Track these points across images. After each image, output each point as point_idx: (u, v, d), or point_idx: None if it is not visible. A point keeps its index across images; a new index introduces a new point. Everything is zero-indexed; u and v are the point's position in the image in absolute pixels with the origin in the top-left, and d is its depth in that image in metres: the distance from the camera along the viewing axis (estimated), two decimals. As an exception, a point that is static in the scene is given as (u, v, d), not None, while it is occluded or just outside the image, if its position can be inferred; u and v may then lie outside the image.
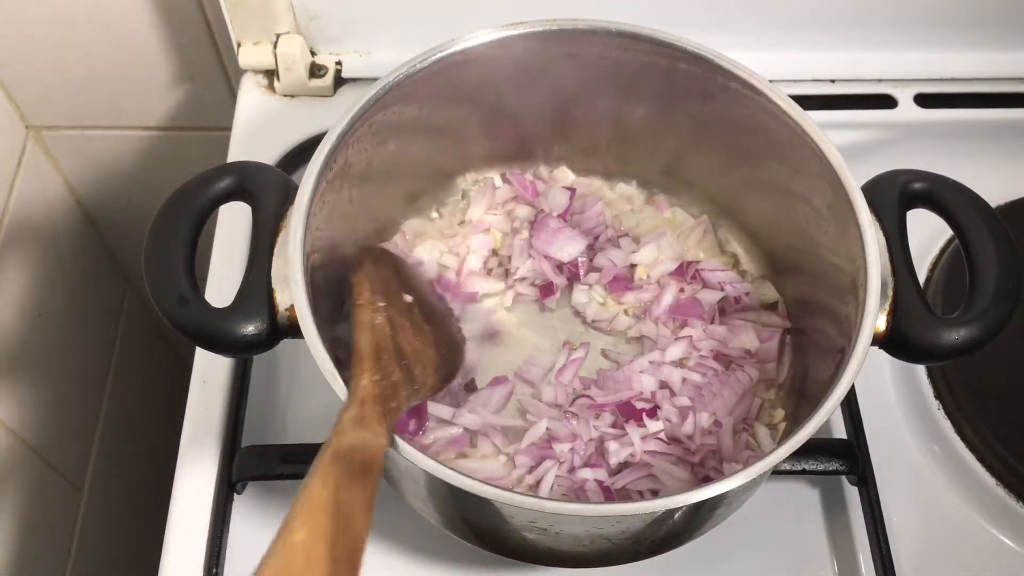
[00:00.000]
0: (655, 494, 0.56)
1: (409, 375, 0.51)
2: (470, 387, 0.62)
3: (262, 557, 0.36)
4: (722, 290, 0.64)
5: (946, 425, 0.64)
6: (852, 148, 0.73)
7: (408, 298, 0.57)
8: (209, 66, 0.87)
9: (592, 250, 0.67)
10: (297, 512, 0.38)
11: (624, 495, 0.56)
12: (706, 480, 0.57)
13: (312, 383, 0.66)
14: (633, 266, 0.66)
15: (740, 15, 0.77)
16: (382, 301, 0.54)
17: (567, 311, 0.66)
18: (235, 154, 0.78)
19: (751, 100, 0.58)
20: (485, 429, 0.59)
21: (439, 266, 0.67)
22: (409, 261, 0.65)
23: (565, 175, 0.70)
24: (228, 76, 0.88)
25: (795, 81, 0.81)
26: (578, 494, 0.56)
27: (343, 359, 0.48)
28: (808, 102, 0.61)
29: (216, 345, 0.51)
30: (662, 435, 0.58)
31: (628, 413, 0.59)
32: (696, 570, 0.60)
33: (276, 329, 0.50)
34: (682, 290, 0.65)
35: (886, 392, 0.67)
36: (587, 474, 0.57)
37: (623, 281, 0.65)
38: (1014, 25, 0.80)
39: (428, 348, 0.55)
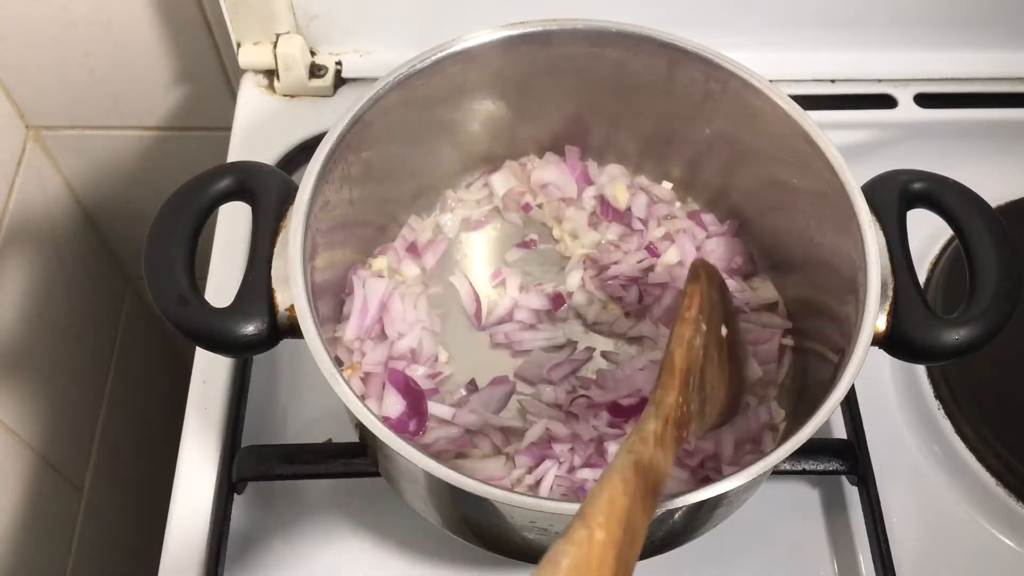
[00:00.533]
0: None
1: (701, 410, 0.49)
2: (470, 387, 0.62)
3: (558, 544, 0.34)
4: None
5: (946, 425, 0.64)
6: (852, 148, 0.73)
7: (724, 331, 0.55)
8: (209, 66, 0.87)
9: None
10: (599, 510, 0.36)
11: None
12: (705, 481, 0.57)
13: (312, 383, 0.66)
14: (649, 268, 0.66)
15: (740, 15, 0.77)
16: (705, 323, 0.51)
17: (567, 311, 0.66)
18: (235, 154, 0.78)
19: (751, 100, 0.58)
20: (485, 429, 0.59)
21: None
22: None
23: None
24: (228, 76, 0.88)
25: (795, 81, 0.81)
26: (578, 494, 0.56)
27: (342, 359, 0.48)
28: (808, 102, 0.61)
29: (216, 345, 0.51)
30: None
31: (618, 412, 0.59)
32: (696, 570, 0.60)
33: (276, 329, 0.50)
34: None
35: (886, 392, 0.67)
36: (587, 474, 0.57)
37: (632, 281, 0.66)
38: (1014, 25, 0.80)
39: (722, 388, 0.53)
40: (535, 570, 0.33)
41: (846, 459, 0.61)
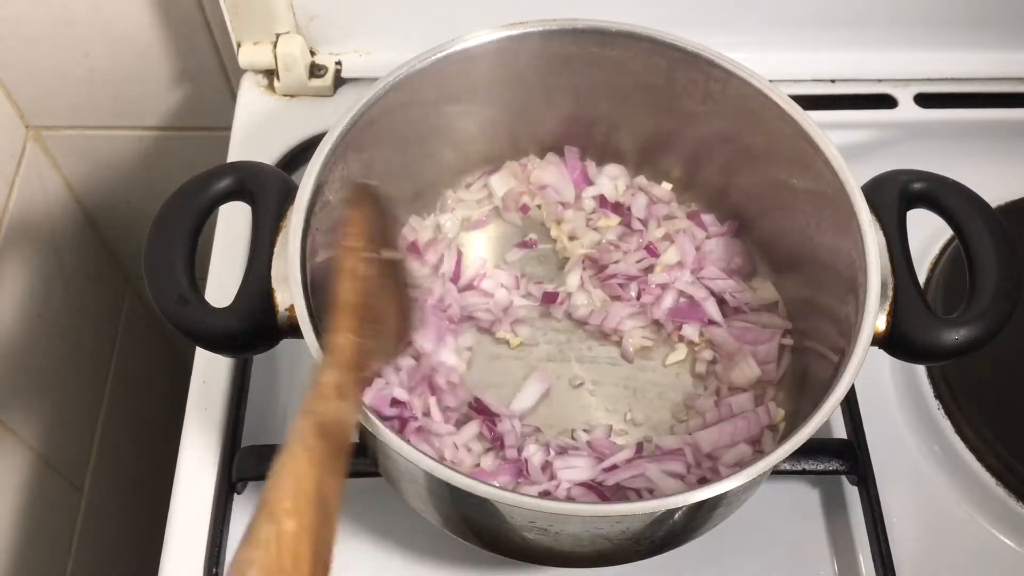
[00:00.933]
0: (651, 493, 0.56)
1: (378, 343, 0.45)
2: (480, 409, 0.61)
3: (245, 540, 0.31)
4: (723, 300, 0.64)
5: (946, 425, 0.64)
6: (852, 148, 0.73)
7: (389, 254, 0.50)
8: (209, 66, 0.87)
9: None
10: (286, 493, 0.33)
11: (621, 495, 0.56)
12: (704, 481, 0.57)
13: (312, 383, 0.66)
14: (648, 268, 0.66)
15: (740, 15, 0.77)
16: (371, 251, 0.47)
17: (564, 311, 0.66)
18: (235, 154, 0.78)
19: (751, 100, 0.58)
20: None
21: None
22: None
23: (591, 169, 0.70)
24: (228, 76, 0.88)
25: (795, 81, 0.81)
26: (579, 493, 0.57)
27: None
28: (808, 102, 0.61)
29: (216, 345, 0.51)
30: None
31: None
32: (696, 570, 0.60)
33: (276, 329, 0.50)
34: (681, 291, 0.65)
35: (886, 392, 0.67)
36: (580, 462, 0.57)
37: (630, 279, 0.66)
38: (1014, 25, 0.80)
39: (393, 314, 0.49)
40: None
41: (846, 459, 0.61)
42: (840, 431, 0.64)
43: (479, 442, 0.59)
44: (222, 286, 0.69)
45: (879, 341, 0.51)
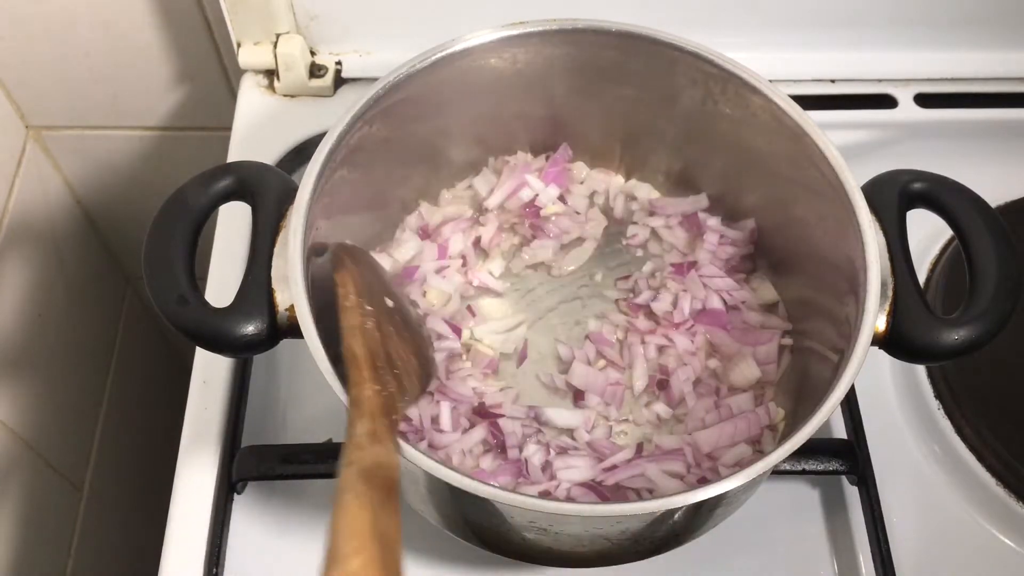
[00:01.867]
0: (651, 493, 0.56)
1: (400, 385, 0.48)
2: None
3: None
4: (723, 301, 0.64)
5: (946, 425, 0.64)
6: (852, 148, 0.73)
7: (389, 303, 0.54)
8: (209, 66, 0.87)
9: None
10: (345, 537, 0.36)
11: (621, 495, 0.56)
12: (704, 481, 0.57)
13: (312, 383, 0.66)
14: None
15: (740, 15, 0.77)
16: (368, 304, 0.51)
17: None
18: (235, 154, 0.78)
19: (751, 100, 0.58)
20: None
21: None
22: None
23: (580, 169, 0.70)
24: (228, 76, 0.88)
25: (795, 81, 0.81)
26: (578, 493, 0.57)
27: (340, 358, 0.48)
28: (808, 102, 0.61)
29: (216, 345, 0.51)
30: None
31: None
32: (696, 570, 0.60)
33: (276, 329, 0.50)
34: (685, 290, 0.65)
35: (886, 392, 0.67)
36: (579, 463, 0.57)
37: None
38: (1014, 25, 0.80)
39: (411, 356, 0.53)
40: None
41: (846, 459, 0.61)
42: (840, 431, 0.64)
43: (480, 444, 0.59)
44: (222, 286, 0.69)
45: (879, 341, 0.51)
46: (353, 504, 0.37)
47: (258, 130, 0.79)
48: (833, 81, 0.82)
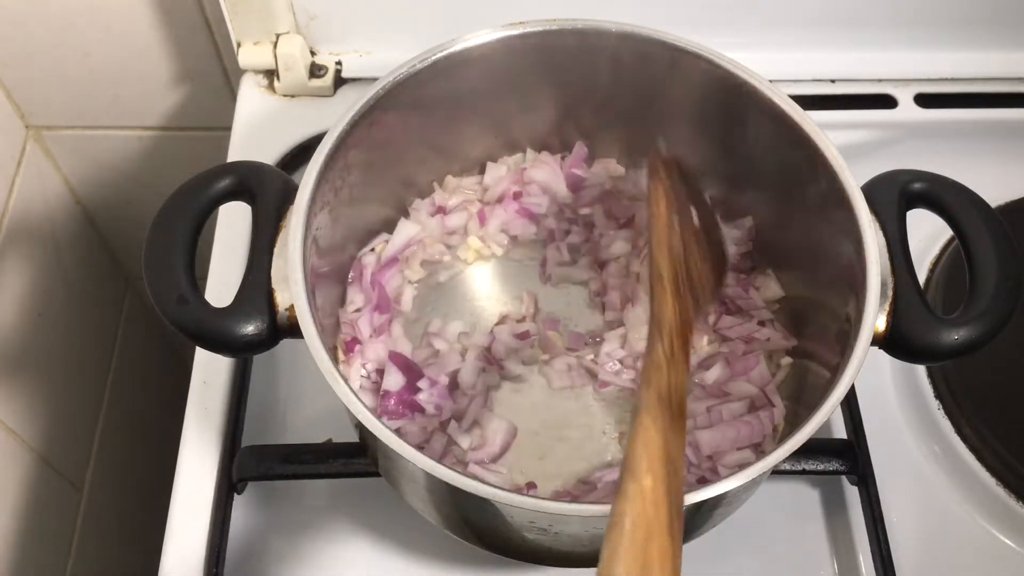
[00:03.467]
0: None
1: (696, 303, 0.49)
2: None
3: (616, 503, 0.36)
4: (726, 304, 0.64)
5: (946, 425, 0.64)
6: (852, 148, 0.73)
7: (695, 214, 0.54)
8: (209, 66, 0.87)
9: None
10: (640, 456, 0.37)
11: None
12: (704, 481, 0.57)
13: (312, 383, 0.66)
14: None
15: (740, 15, 0.77)
16: (676, 217, 0.51)
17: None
18: (235, 154, 0.78)
19: (751, 100, 0.58)
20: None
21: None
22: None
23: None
24: (228, 76, 0.88)
25: (795, 81, 0.81)
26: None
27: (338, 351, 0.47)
28: (808, 102, 0.61)
29: (216, 345, 0.51)
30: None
31: None
32: (696, 570, 0.60)
33: (276, 329, 0.50)
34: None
35: (886, 392, 0.67)
36: None
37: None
38: (1014, 25, 0.80)
39: (707, 266, 0.53)
40: (605, 532, 0.35)
41: (846, 459, 0.61)
42: (840, 431, 0.64)
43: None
44: (222, 286, 0.69)
45: (879, 341, 0.51)
46: (650, 426, 0.39)
47: (258, 130, 0.79)
48: (833, 81, 0.82)
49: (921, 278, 0.58)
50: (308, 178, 0.52)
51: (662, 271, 0.47)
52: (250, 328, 0.50)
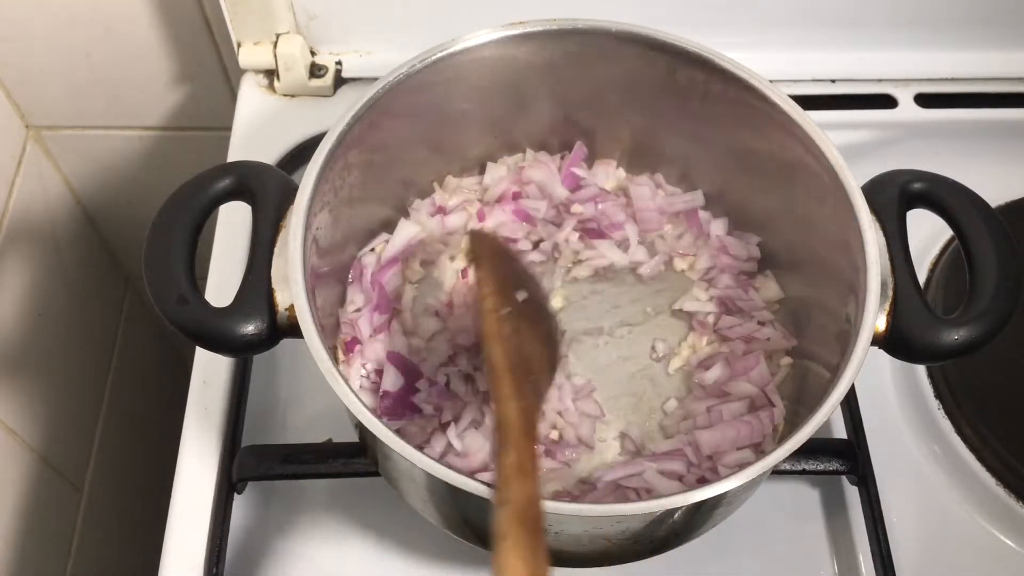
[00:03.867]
0: (650, 493, 0.56)
1: (536, 389, 0.47)
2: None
3: None
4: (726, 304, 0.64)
5: (946, 425, 0.64)
6: (852, 148, 0.74)
7: (522, 294, 0.51)
8: (209, 66, 0.87)
9: None
10: None
11: (620, 495, 0.56)
12: (704, 481, 0.57)
13: (312, 383, 0.66)
14: None
15: (740, 15, 0.77)
16: (506, 306, 0.49)
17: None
18: (235, 154, 0.78)
19: (751, 100, 0.58)
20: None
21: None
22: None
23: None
24: (228, 76, 0.88)
25: (795, 81, 0.81)
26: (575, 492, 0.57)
27: (337, 353, 0.47)
28: (808, 102, 0.61)
29: (216, 345, 0.51)
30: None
31: None
32: (696, 570, 0.60)
33: (276, 329, 0.50)
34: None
35: (886, 392, 0.67)
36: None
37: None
38: (1014, 25, 0.80)
39: (542, 346, 0.50)
40: None
41: (846, 459, 0.61)
42: (840, 431, 0.64)
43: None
44: (222, 286, 0.69)
45: (879, 341, 0.51)
46: (512, 555, 0.38)
47: (258, 130, 0.79)
48: (833, 81, 0.82)
49: (921, 278, 0.58)
50: (308, 178, 0.52)
51: (499, 371, 0.45)
52: (250, 328, 0.50)
